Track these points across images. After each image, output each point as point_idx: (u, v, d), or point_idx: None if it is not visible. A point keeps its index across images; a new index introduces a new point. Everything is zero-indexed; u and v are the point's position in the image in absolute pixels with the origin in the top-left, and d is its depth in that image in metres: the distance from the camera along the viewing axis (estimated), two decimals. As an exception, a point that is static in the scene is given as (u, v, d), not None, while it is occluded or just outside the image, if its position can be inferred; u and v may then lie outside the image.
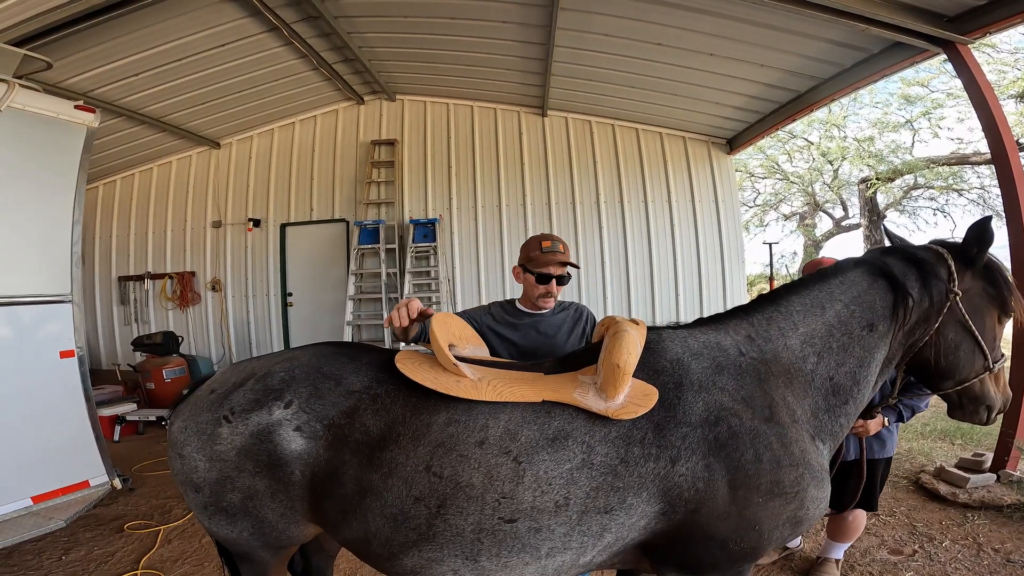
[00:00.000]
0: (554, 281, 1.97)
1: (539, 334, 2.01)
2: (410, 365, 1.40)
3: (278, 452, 1.33)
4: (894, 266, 1.48)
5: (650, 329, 1.49)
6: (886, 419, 2.17)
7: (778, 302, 1.50)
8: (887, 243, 1.72)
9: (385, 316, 6.46)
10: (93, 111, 3.26)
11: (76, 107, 3.19)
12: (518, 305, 2.07)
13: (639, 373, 1.35)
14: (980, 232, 1.43)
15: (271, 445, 1.33)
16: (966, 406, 1.52)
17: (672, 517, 1.27)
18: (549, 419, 1.31)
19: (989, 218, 1.42)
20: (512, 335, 1.98)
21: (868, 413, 1.82)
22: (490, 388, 1.34)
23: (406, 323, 1.61)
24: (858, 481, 2.06)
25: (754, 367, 1.39)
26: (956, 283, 1.43)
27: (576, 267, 2.03)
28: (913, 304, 1.43)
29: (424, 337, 1.73)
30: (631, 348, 1.31)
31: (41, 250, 3.01)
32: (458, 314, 1.93)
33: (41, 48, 4.03)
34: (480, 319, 1.99)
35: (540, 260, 1.96)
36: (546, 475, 1.25)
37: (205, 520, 1.46)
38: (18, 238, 2.91)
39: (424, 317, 1.62)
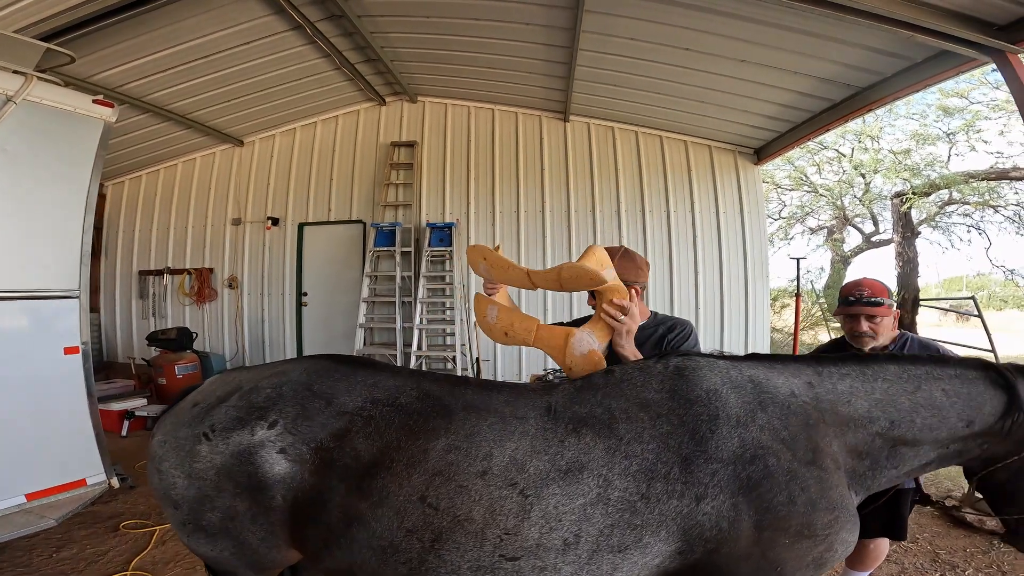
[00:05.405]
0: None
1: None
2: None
3: (259, 475, 1.23)
4: (1019, 385, 1.39)
5: (686, 355, 1.39)
6: None
7: (868, 365, 1.39)
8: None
9: (397, 320, 6.44)
10: (111, 106, 3.23)
11: (94, 101, 3.16)
12: None
13: (668, 402, 1.25)
14: None
15: (252, 467, 1.23)
16: None
17: (688, 557, 1.18)
18: (562, 449, 1.20)
19: None
20: None
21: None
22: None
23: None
24: (884, 509, 1.94)
25: (803, 410, 1.28)
26: None
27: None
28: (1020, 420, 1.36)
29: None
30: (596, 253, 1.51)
31: (52, 245, 2.96)
32: None
33: (70, 43, 4.06)
34: None
35: None
36: (556, 510, 1.14)
37: (184, 537, 1.39)
38: (30, 232, 2.87)
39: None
